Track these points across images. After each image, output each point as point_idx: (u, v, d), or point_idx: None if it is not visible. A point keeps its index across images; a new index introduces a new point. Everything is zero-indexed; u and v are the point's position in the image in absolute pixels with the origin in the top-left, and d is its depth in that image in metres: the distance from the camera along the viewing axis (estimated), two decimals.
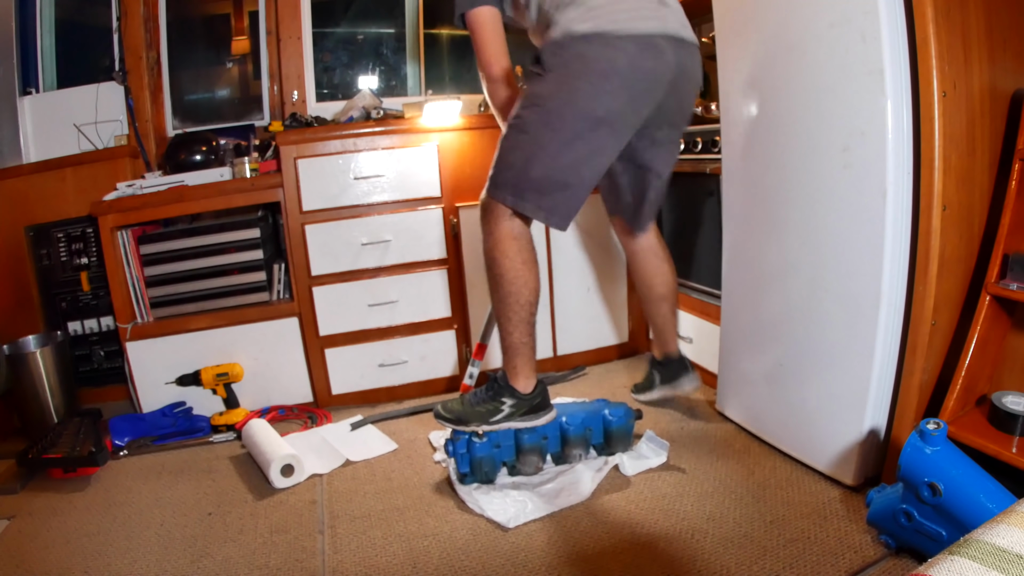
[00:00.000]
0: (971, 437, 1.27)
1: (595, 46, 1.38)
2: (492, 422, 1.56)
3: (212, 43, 2.70)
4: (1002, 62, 1.34)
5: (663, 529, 1.40)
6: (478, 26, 1.52)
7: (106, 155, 2.32)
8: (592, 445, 1.73)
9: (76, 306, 2.27)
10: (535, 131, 1.43)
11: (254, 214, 2.20)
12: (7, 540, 1.55)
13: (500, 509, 1.49)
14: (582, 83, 1.39)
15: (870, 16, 1.26)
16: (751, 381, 1.77)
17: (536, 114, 1.43)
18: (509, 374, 1.56)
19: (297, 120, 2.23)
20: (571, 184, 1.45)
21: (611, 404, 1.73)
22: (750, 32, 1.60)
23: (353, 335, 2.19)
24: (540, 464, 1.65)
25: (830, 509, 1.42)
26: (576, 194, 1.48)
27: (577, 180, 1.46)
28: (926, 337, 1.34)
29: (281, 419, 2.16)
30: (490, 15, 1.52)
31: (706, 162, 1.96)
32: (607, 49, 1.38)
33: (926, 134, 1.27)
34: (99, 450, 1.82)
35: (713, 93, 2.34)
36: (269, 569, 1.37)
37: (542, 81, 1.43)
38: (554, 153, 1.42)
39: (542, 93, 1.43)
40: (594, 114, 1.40)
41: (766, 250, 1.65)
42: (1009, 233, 1.32)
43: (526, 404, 1.57)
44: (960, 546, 0.55)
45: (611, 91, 1.40)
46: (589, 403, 1.78)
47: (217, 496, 1.69)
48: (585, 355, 2.42)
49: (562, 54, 1.41)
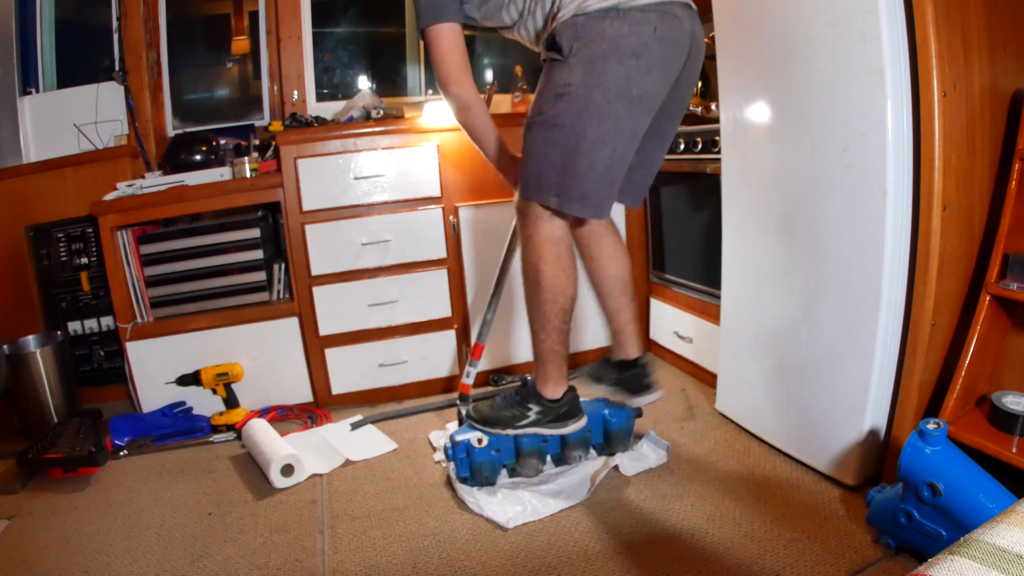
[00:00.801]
0: (971, 437, 1.27)
1: (617, 22, 1.28)
2: (518, 427, 1.56)
3: (212, 43, 2.70)
4: (1002, 62, 1.34)
5: (663, 529, 1.40)
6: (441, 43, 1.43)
7: (106, 155, 2.32)
8: (592, 445, 1.73)
9: (76, 306, 2.27)
10: (570, 122, 1.33)
11: (254, 214, 2.20)
12: (7, 540, 1.55)
13: (500, 509, 1.49)
14: (612, 63, 1.29)
15: (870, 16, 1.26)
16: (751, 381, 1.77)
17: (567, 104, 1.33)
18: (538, 380, 1.54)
19: (297, 120, 2.23)
20: (614, 172, 1.37)
21: (611, 404, 1.73)
22: (750, 32, 1.60)
23: (353, 335, 2.19)
24: (540, 467, 1.65)
25: (830, 509, 1.42)
26: (618, 181, 1.39)
27: (620, 167, 1.38)
28: (926, 337, 1.34)
29: (281, 419, 2.16)
30: (455, 31, 1.43)
31: (706, 162, 1.96)
32: (630, 24, 1.28)
33: (926, 134, 1.27)
34: (99, 450, 1.82)
35: (713, 93, 2.35)
36: (269, 569, 1.37)
37: (565, 67, 1.33)
38: (596, 142, 1.33)
39: (568, 80, 1.32)
40: (629, 94, 1.31)
41: (766, 250, 1.65)
42: (1009, 233, 1.32)
43: (553, 412, 1.56)
44: (960, 546, 0.55)
45: (643, 68, 1.30)
46: (589, 403, 1.78)
47: (217, 496, 1.69)
48: (585, 355, 2.42)
49: (583, 35, 1.31)
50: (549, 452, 1.68)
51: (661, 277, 2.37)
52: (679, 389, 2.15)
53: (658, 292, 2.40)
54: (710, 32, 1.80)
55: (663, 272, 2.35)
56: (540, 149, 1.39)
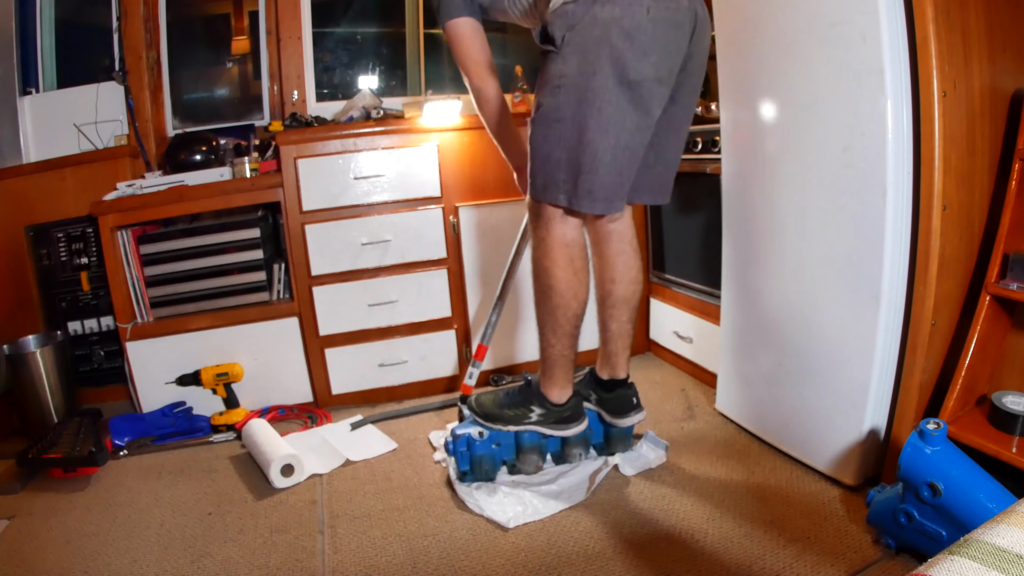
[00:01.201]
0: (971, 437, 1.27)
1: (608, 5, 1.24)
2: (520, 424, 1.56)
3: (212, 43, 2.70)
4: (1002, 62, 1.34)
5: (663, 529, 1.40)
6: (456, 37, 1.47)
7: (106, 155, 2.32)
8: (592, 445, 1.73)
9: (76, 306, 2.27)
10: (571, 115, 1.30)
11: (254, 214, 2.20)
12: (7, 540, 1.55)
13: (500, 509, 1.49)
14: (605, 49, 1.25)
15: (870, 16, 1.26)
16: (751, 381, 1.77)
17: (564, 96, 1.30)
18: (544, 383, 1.54)
19: (297, 120, 2.23)
20: (621, 163, 1.32)
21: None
22: (750, 32, 1.60)
23: (353, 335, 2.19)
24: (540, 463, 1.65)
25: (830, 509, 1.42)
26: (628, 173, 1.35)
27: (627, 157, 1.33)
28: (926, 337, 1.34)
29: (281, 419, 2.16)
30: (468, 25, 1.47)
31: (706, 162, 1.96)
32: (622, 6, 1.24)
33: (926, 134, 1.27)
34: (99, 450, 1.82)
35: (713, 93, 2.35)
36: (269, 569, 1.37)
37: (559, 59, 1.30)
38: (600, 132, 1.29)
39: (563, 72, 1.30)
40: (627, 79, 1.26)
41: (766, 250, 1.65)
42: (1009, 233, 1.32)
43: (555, 415, 1.55)
44: (960, 546, 0.55)
45: (638, 51, 1.26)
46: None
47: (217, 496, 1.69)
48: (585, 355, 2.41)
49: (574, 23, 1.27)
50: (549, 450, 1.68)
51: (661, 277, 2.37)
52: (679, 389, 2.16)
53: (658, 292, 2.40)
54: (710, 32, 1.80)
55: (663, 272, 2.35)
56: (543, 146, 1.36)
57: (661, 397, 2.10)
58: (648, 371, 2.34)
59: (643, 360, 2.46)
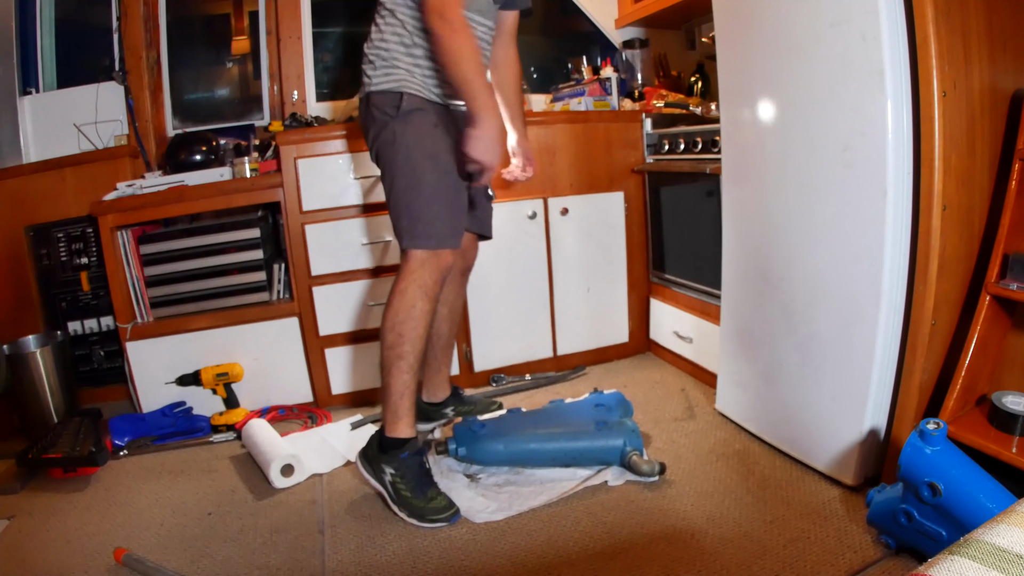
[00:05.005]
0: (971, 437, 1.27)
1: None
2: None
3: (212, 43, 2.70)
4: (1002, 62, 1.34)
5: (663, 529, 1.40)
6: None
7: (106, 155, 2.32)
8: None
9: (76, 306, 2.28)
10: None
11: (254, 214, 2.20)
12: (7, 540, 1.55)
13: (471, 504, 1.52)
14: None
15: (870, 16, 1.26)
16: (751, 381, 1.77)
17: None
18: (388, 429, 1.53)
19: (297, 120, 2.23)
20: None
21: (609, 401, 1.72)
22: (750, 32, 1.60)
23: (353, 335, 2.19)
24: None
25: (830, 509, 1.42)
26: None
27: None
28: (926, 337, 1.34)
29: (281, 419, 2.16)
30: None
31: (706, 162, 1.96)
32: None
33: (926, 134, 1.27)
34: (99, 450, 1.82)
35: (713, 93, 2.35)
36: (269, 569, 1.37)
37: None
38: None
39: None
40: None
41: (766, 250, 1.65)
42: (1009, 233, 1.32)
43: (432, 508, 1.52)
44: (960, 546, 0.55)
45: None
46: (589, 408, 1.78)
47: (217, 496, 1.69)
48: (585, 355, 2.42)
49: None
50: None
51: (661, 277, 2.37)
52: (679, 389, 2.16)
53: (658, 292, 2.40)
54: (710, 32, 1.80)
55: (663, 272, 2.35)
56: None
57: (661, 397, 2.10)
58: (648, 371, 2.34)
59: (643, 360, 2.46)
